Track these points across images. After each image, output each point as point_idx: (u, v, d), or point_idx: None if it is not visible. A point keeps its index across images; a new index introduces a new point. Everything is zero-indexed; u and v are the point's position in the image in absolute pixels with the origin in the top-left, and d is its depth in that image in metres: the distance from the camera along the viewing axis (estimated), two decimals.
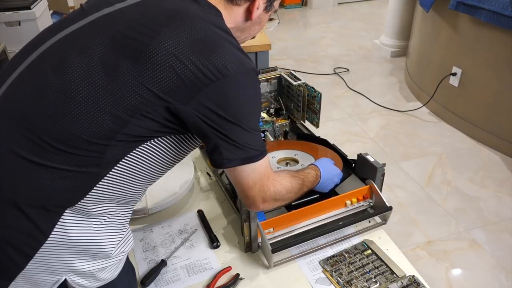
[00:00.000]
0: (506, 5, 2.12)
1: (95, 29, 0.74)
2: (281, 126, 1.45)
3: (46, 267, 0.73)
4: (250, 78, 0.77)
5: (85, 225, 0.74)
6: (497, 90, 2.45)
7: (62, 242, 0.72)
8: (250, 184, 0.82)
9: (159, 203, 1.18)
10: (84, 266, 0.76)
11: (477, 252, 1.89)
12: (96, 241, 0.76)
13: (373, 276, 0.99)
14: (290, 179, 0.93)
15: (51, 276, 0.74)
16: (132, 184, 0.79)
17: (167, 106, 0.71)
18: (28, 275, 0.72)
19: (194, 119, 0.73)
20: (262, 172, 0.83)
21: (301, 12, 5.21)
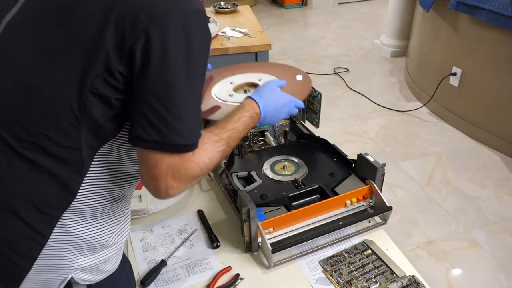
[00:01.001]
0: (506, 5, 2.12)
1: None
2: (281, 126, 1.45)
3: (51, 267, 0.73)
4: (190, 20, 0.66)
5: (85, 222, 0.74)
6: (497, 90, 2.45)
7: (63, 242, 0.72)
8: (157, 173, 0.68)
9: (159, 203, 1.18)
10: (87, 261, 0.76)
11: (477, 252, 1.89)
12: (97, 236, 0.76)
13: (373, 276, 0.99)
14: (209, 150, 0.75)
15: (57, 276, 0.75)
16: (118, 174, 0.76)
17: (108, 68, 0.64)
18: (35, 277, 0.72)
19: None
20: (175, 159, 0.68)
21: (301, 12, 5.20)
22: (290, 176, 1.22)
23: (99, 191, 0.74)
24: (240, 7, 1.99)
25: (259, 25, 1.76)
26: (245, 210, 0.98)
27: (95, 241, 0.76)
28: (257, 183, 1.19)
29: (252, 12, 1.96)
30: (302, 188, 1.16)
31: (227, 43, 1.57)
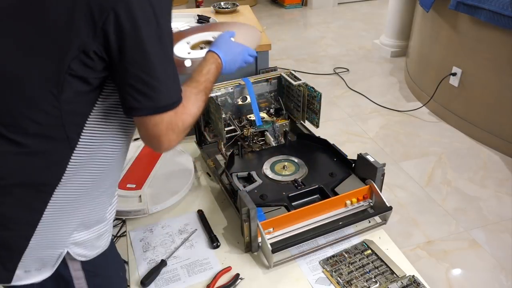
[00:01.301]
0: (506, 5, 2.12)
1: None
2: (281, 126, 1.45)
3: (47, 243, 0.77)
4: None
5: (77, 197, 0.78)
6: (497, 90, 2.45)
7: (57, 218, 0.76)
8: (159, 131, 0.76)
9: (159, 203, 1.18)
10: (81, 236, 0.81)
11: (477, 252, 1.89)
12: (89, 211, 0.81)
13: (373, 276, 0.99)
14: (196, 101, 0.84)
15: (53, 251, 0.78)
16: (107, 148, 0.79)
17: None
18: (33, 253, 0.76)
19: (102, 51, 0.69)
20: (170, 115, 0.76)
21: (301, 12, 5.20)
22: (290, 176, 1.22)
23: (89, 166, 0.77)
24: (240, 7, 1.99)
25: (259, 25, 1.76)
26: (245, 210, 0.98)
27: (88, 216, 0.81)
28: (257, 183, 1.19)
29: (252, 12, 1.96)
30: (302, 188, 1.16)
31: None
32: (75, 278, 0.84)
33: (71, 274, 0.83)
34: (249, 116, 1.44)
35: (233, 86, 1.39)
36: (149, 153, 1.39)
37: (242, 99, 1.42)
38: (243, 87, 1.40)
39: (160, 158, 1.36)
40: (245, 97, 1.42)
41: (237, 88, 1.40)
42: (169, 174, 1.30)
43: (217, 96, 1.33)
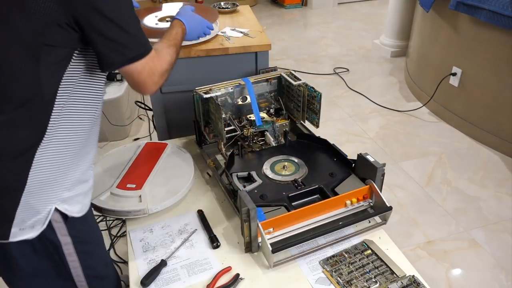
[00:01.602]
0: (506, 5, 2.12)
1: None
2: (281, 126, 1.45)
3: (36, 202, 0.86)
4: None
5: (58, 158, 0.87)
6: (497, 90, 2.45)
7: (41, 180, 0.85)
8: (140, 78, 0.90)
9: (159, 203, 1.18)
10: (66, 194, 0.91)
11: (477, 252, 1.89)
12: (70, 171, 0.90)
13: (373, 276, 0.99)
14: (168, 51, 1.01)
15: (43, 207, 0.87)
16: (82, 109, 0.89)
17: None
18: (25, 211, 0.85)
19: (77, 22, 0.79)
20: (148, 63, 0.90)
21: (301, 12, 5.20)
22: (290, 176, 1.22)
23: (65, 128, 0.86)
24: (240, 7, 1.98)
25: (259, 25, 1.75)
26: (245, 210, 0.98)
27: (69, 177, 0.90)
28: (257, 183, 1.19)
29: (252, 12, 1.96)
30: (302, 188, 1.16)
31: (227, 43, 1.57)
32: (64, 243, 0.93)
33: (59, 239, 0.92)
34: (249, 116, 1.44)
35: (233, 86, 1.39)
36: (149, 153, 1.39)
37: (242, 99, 1.42)
38: (243, 87, 1.40)
39: (160, 158, 1.36)
40: (245, 97, 1.42)
41: (237, 88, 1.40)
42: (169, 174, 1.30)
43: (217, 96, 1.33)
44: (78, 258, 0.97)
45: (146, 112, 2.43)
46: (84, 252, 0.98)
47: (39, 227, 0.88)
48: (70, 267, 0.97)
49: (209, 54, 1.55)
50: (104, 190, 1.22)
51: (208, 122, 1.39)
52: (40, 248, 0.92)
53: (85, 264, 0.99)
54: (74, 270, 0.98)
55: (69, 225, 0.93)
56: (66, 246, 0.94)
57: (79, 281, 1.00)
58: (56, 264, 0.96)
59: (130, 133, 2.74)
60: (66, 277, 0.99)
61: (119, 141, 2.64)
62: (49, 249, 0.93)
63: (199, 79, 1.57)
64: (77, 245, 0.96)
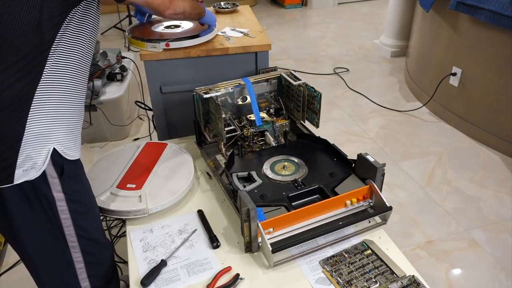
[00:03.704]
0: (506, 5, 2.12)
1: None
2: (281, 126, 1.45)
3: (35, 144, 0.93)
4: None
5: (52, 104, 0.94)
6: (497, 90, 2.45)
7: (40, 121, 0.93)
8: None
9: (159, 203, 1.18)
10: (62, 137, 0.97)
11: (477, 252, 1.89)
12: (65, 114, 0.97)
13: (373, 276, 0.99)
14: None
15: (42, 148, 0.94)
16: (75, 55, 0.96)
17: None
18: (26, 152, 0.92)
19: None
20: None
21: (301, 12, 5.20)
22: (290, 176, 1.22)
23: (56, 81, 0.93)
24: (240, 7, 1.98)
25: (259, 25, 1.75)
26: (245, 210, 0.98)
27: (63, 125, 0.97)
28: (257, 183, 1.19)
29: (252, 12, 1.96)
30: (302, 188, 1.16)
31: (227, 43, 1.57)
32: (57, 199, 0.98)
33: (53, 194, 0.97)
34: (249, 116, 1.44)
35: (233, 86, 1.39)
36: (149, 153, 1.39)
37: (242, 99, 1.42)
38: (243, 87, 1.40)
39: (160, 158, 1.36)
40: (245, 97, 1.42)
41: (237, 88, 1.40)
42: (169, 174, 1.30)
43: (217, 96, 1.33)
44: (70, 216, 1.01)
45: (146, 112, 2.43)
46: (76, 211, 1.02)
47: (40, 168, 0.93)
48: (62, 224, 1.01)
49: (209, 54, 1.55)
50: (104, 190, 1.22)
51: (208, 122, 1.39)
52: (36, 203, 0.97)
53: (77, 224, 1.03)
54: (66, 228, 1.02)
55: (63, 182, 0.98)
56: (60, 203, 0.99)
57: (71, 241, 1.04)
58: (50, 220, 1.00)
59: (130, 133, 2.74)
60: (59, 236, 1.02)
61: (119, 141, 2.64)
62: (43, 205, 0.97)
63: (199, 79, 1.57)
64: (70, 203, 1.00)
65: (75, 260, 1.07)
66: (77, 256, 1.07)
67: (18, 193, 0.94)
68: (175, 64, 1.54)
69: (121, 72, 2.61)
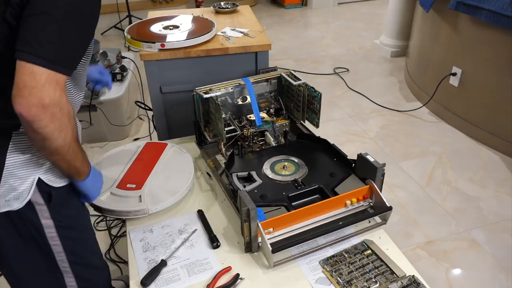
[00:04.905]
0: (506, 5, 2.12)
1: None
2: (281, 126, 1.45)
3: (19, 173, 0.88)
4: None
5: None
6: (497, 90, 2.45)
7: (20, 153, 0.87)
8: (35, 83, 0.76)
9: (159, 203, 1.18)
10: (49, 165, 0.91)
11: (477, 252, 1.89)
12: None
13: (373, 276, 0.99)
14: (75, 121, 0.89)
15: (27, 177, 0.89)
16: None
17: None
18: (8, 182, 0.87)
19: None
20: (54, 78, 0.78)
21: (301, 12, 5.20)
22: (290, 176, 1.22)
23: None
24: (240, 7, 1.98)
25: (259, 25, 1.75)
26: (245, 210, 0.98)
27: None
28: (257, 183, 1.19)
29: (252, 12, 1.96)
30: (302, 188, 1.16)
31: (227, 43, 1.57)
32: (46, 226, 0.94)
33: (41, 221, 0.93)
34: (249, 116, 1.44)
35: (233, 86, 1.39)
36: (149, 153, 1.39)
37: (242, 99, 1.42)
38: (243, 87, 1.40)
39: (160, 158, 1.36)
40: (245, 97, 1.42)
41: (237, 88, 1.40)
42: (169, 174, 1.30)
43: (217, 96, 1.33)
44: (61, 243, 0.97)
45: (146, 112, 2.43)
46: (68, 238, 0.99)
47: (24, 199, 0.89)
48: (53, 251, 0.98)
49: (209, 54, 1.55)
50: (104, 190, 1.22)
51: (208, 122, 1.39)
52: (23, 230, 0.93)
53: (69, 250, 1.00)
54: (57, 255, 0.99)
55: (52, 209, 0.93)
56: (49, 230, 0.95)
57: (63, 266, 1.01)
58: (40, 247, 0.96)
59: (130, 133, 2.74)
60: (50, 262, 0.99)
61: (119, 141, 2.64)
62: (31, 231, 0.94)
63: (199, 79, 1.57)
64: (60, 230, 0.96)
65: (69, 285, 1.04)
66: (70, 281, 1.04)
67: (4, 220, 0.90)
68: (175, 64, 1.54)
69: (121, 72, 2.61)
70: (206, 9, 2.00)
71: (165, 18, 1.74)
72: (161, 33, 1.58)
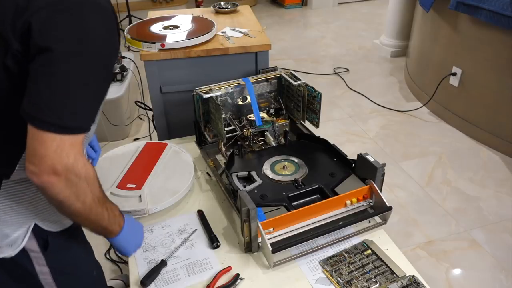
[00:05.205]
0: (506, 5, 2.12)
1: None
2: (281, 126, 1.45)
3: (13, 220, 0.82)
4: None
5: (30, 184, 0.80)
6: (497, 90, 2.45)
7: (12, 203, 0.81)
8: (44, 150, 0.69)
9: (159, 203, 1.18)
10: (47, 211, 0.86)
11: (477, 252, 1.89)
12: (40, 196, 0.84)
13: (373, 276, 0.99)
14: (97, 179, 0.80)
15: (21, 224, 0.83)
16: None
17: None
18: (2, 226, 0.81)
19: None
20: (68, 142, 0.70)
21: (301, 12, 5.20)
22: (290, 176, 1.22)
23: None
24: (240, 7, 1.98)
25: (259, 25, 1.75)
26: (245, 210, 0.98)
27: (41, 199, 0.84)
28: (257, 183, 1.19)
29: (252, 12, 1.96)
30: (302, 188, 1.16)
31: (227, 43, 1.57)
32: (40, 273, 0.88)
33: (35, 268, 0.87)
34: (249, 116, 1.44)
35: (233, 86, 1.39)
36: (149, 153, 1.39)
37: (242, 99, 1.42)
38: (243, 87, 1.40)
39: (160, 158, 1.36)
40: (245, 97, 1.42)
41: (237, 88, 1.40)
42: (169, 174, 1.30)
43: (217, 96, 1.33)
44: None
45: (146, 112, 2.43)
46: (66, 283, 0.92)
47: (17, 245, 0.83)
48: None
49: (209, 54, 1.55)
50: (104, 190, 1.21)
51: (208, 122, 1.39)
52: (16, 275, 0.87)
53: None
54: None
55: (48, 256, 0.87)
56: (44, 276, 0.89)
57: None
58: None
59: (130, 133, 2.74)
60: None
61: (119, 141, 2.64)
62: (25, 277, 0.88)
63: (199, 79, 1.57)
64: (57, 276, 0.90)
65: None
66: None
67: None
68: (175, 64, 1.54)
69: (121, 72, 2.61)
70: (206, 9, 2.00)
71: (165, 18, 1.74)
72: (161, 33, 1.58)
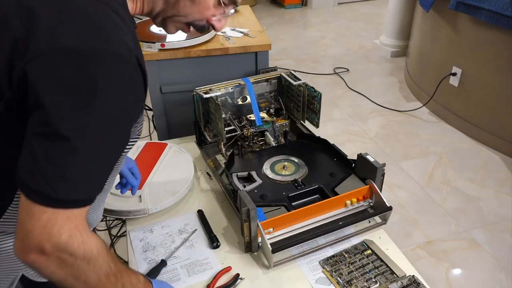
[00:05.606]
0: (506, 5, 2.12)
1: None
2: (281, 126, 1.45)
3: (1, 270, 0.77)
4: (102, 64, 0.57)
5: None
6: (497, 90, 2.45)
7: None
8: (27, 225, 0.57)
9: (159, 203, 1.18)
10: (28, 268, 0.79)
11: (477, 252, 1.89)
12: None
13: (373, 276, 0.99)
14: (105, 253, 0.65)
15: (7, 276, 0.79)
16: None
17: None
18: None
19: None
20: (52, 219, 0.58)
21: (301, 12, 5.20)
22: (290, 176, 1.22)
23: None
24: (240, 7, 1.98)
25: (259, 25, 1.76)
26: (245, 210, 0.98)
27: None
28: (257, 183, 1.19)
29: (252, 12, 1.96)
30: (302, 188, 1.16)
31: (227, 43, 1.57)
32: None
33: None
34: (249, 116, 1.44)
35: (233, 86, 1.39)
36: (149, 153, 1.39)
37: (242, 99, 1.42)
38: (243, 87, 1.40)
39: (160, 158, 1.36)
40: (245, 97, 1.42)
41: (237, 88, 1.40)
42: (169, 174, 1.30)
43: (217, 96, 1.33)
44: None
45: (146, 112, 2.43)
46: None
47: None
48: None
49: (209, 54, 1.55)
50: None
51: (208, 122, 1.39)
52: None
53: None
54: None
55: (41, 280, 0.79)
56: None
57: None
58: None
59: None
60: None
61: None
62: None
63: (199, 79, 1.57)
64: None
65: None
66: None
67: None
68: (175, 64, 1.54)
69: None
70: None
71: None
72: (161, 33, 1.58)
